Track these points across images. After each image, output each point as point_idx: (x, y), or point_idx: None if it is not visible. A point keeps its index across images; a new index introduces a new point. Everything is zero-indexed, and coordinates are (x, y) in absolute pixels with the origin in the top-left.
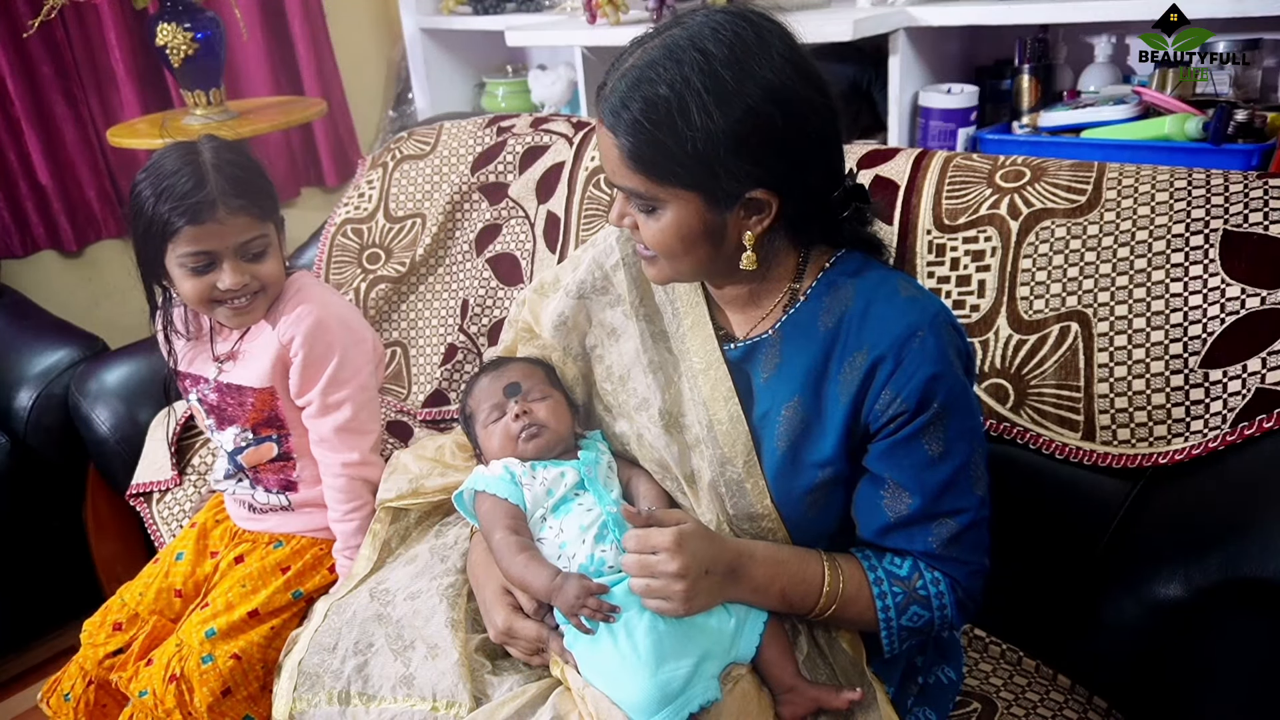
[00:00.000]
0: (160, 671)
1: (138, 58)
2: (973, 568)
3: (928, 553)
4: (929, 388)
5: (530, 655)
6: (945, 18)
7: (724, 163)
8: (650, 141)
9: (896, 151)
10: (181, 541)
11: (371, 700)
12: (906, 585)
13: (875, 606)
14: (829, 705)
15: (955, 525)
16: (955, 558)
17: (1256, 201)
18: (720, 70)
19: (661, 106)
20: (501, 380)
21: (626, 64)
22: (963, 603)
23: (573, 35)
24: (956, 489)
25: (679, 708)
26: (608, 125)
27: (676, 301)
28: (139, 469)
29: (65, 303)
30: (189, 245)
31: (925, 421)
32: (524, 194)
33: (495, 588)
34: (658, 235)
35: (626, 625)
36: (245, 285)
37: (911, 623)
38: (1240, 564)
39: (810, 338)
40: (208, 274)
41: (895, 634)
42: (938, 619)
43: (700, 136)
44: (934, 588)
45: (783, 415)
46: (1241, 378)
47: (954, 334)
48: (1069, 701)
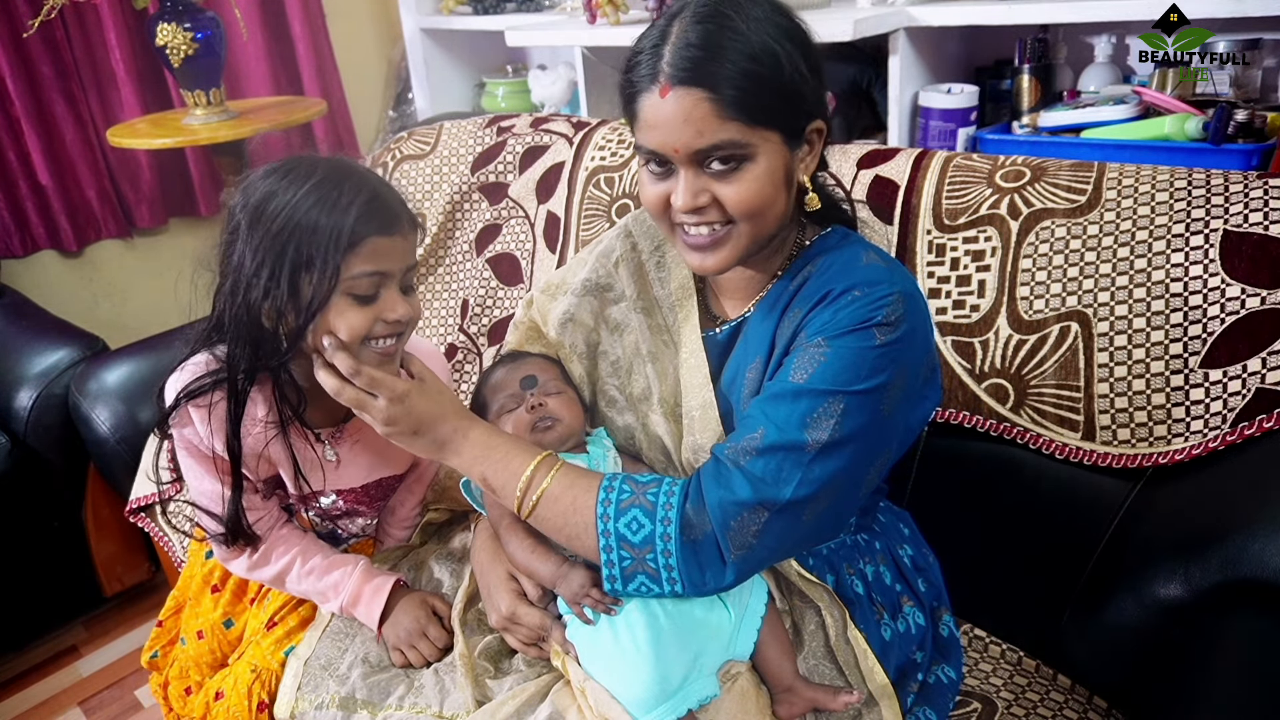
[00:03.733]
0: (242, 703)
1: (138, 58)
2: (732, 494)
3: (716, 455)
4: (834, 328)
5: (530, 644)
6: (945, 18)
7: (805, 96)
8: (750, 81)
9: (896, 151)
10: (216, 606)
11: (377, 709)
12: (638, 489)
13: (596, 500)
14: (826, 706)
15: (759, 441)
16: (731, 468)
17: (1256, 201)
18: (774, 16)
19: (752, 48)
20: (518, 372)
21: (673, 35)
22: (691, 527)
23: (573, 35)
24: (790, 411)
25: (678, 702)
26: (689, 83)
27: (672, 295)
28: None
29: (65, 303)
30: (369, 263)
31: (809, 346)
32: (524, 194)
33: (501, 573)
34: (752, 188)
35: (627, 618)
36: (407, 320)
37: (630, 532)
38: (1240, 564)
39: (777, 305)
40: (373, 304)
41: (613, 543)
42: (659, 537)
43: (790, 73)
44: (665, 497)
45: (747, 378)
46: (1241, 378)
47: (903, 308)
48: (1069, 701)
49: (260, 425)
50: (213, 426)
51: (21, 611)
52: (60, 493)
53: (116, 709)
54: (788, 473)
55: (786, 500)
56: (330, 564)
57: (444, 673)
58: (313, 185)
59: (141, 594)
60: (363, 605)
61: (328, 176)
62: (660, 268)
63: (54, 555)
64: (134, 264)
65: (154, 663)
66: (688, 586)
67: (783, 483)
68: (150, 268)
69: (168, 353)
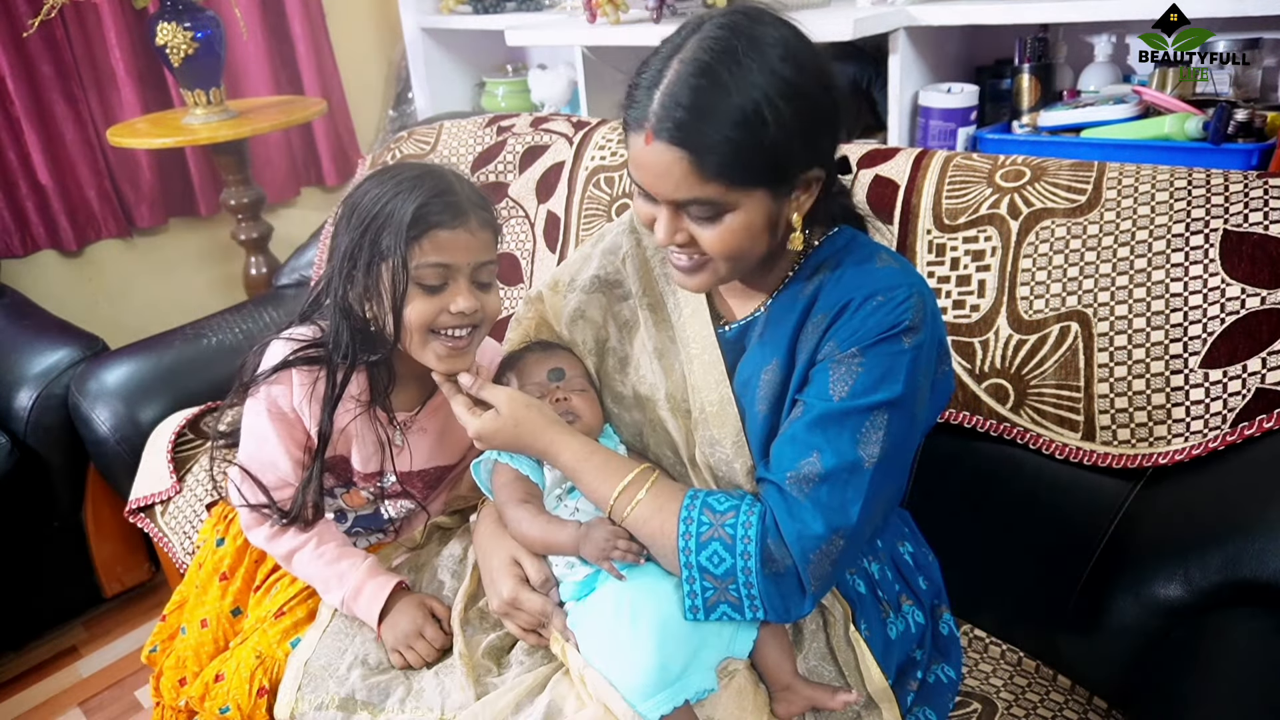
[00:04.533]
0: (243, 686)
1: (138, 57)
2: (807, 528)
3: (779, 484)
4: (863, 338)
5: (530, 631)
6: (945, 17)
7: (794, 154)
8: (734, 147)
9: (896, 151)
10: (224, 595)
11: (378, 711)
12: (716, 518)
13: (677, 532)
14: (825, 706)
15: (819, 466)
16: (800, 499)
17: (1256, 201)
18: (778, 67)
19: (737, 114)
20: (548, 363)
21: (667, 79)
22: (772, 560)
23: (573, 35)
24: (840, 429)
25: (675, 692)
26: (671, 141)
27: (678, 291)
28: (137, 483)
29: (65, 303)
30: (433, 254)
31: (844, 356)
32: (524, 194)
33: (504, 557)
34: (725, 238)
35: (631, 607)
36: (474, 312)
37: (711, 565)
38: (1240, 564)
39: (793, 306)
40: (439, 294)
41: (696, 575)
42: (740, 570)
43: (776, 134)
44: (743, 529)
45: (762, 379)
46: (1241, 378)
47: (922, 309)
48: (1069, 702)
49: (351, 402)
50: (311, 397)
51: (21, 611)
52: (60, 493)
53: (116, 709)
54: (852, 494)
55: (855, 522)
56: (341, 553)
57: (444, 674)
58: (396, 182)
59: (141, 594)
60: (364, 599)
61: (411, 176)
62: (665, 264)
63: (54, 555)
64: (134, 264)
65: (153, 657)
66: (771, 614)
67: (849, 504)
68: (150, 268)
69: (168, 353)
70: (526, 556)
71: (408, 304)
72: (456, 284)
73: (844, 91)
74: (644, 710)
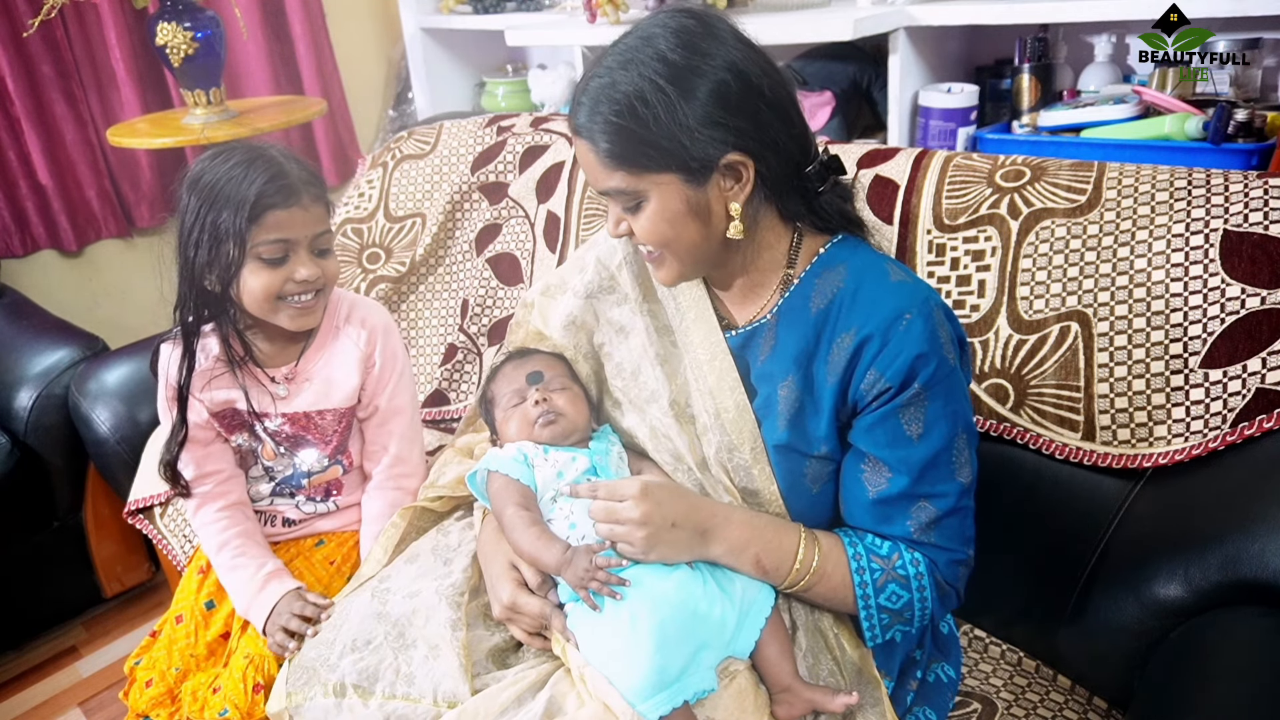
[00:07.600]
0: (239, 686)
1: (138, 58)
2: (953, 555)
3: (906, 537)
4: (912, 367)
5: (532, 633)
6: (945, 17)
7: (691, 134)
8: (620, 133)
9: (896, 151)
10: (200, 588)
11: (369, 695)
12: (885, 563)
13: (853, 583)
14: (824, 708)
15: (934, 510)
16: (933, 543)
17: (1256, 201)
18: (669, 54)
19: (623, 100)
20: (525, 368)
21: (590, 77)
22: (942, 588)
23: (572, 34)
24: (936, 471)
25: (675, 693)
26: (582, 134)
27: (679, 295)
28: (136, 485)
29: (65, 303)
30: (271, 231)
31: (906, 399)
32: (524, 194)
33: (503, 563)
34: (649, 226)
35: (630, 608)
36: (316, 279)
37: (890, 603)
38: (1240, 564)
39: (803, 319)
40: (282, 266)
41: (874, 614)
42: (917, 601)
43: (663, 114)
44: (913, 568)
45: (780, 396)
46: (1241, 378)
47: (943, 317)
48: (1069, 701)
49: (211, 362)
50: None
51: (21, 611)
52: (60, 493)
53: (116, 709)
54: (967, 513)
55: (974, 530)
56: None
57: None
58: (229, 166)
59: (141, 594)
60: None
61: (242, 159)
62: None
63: (54, 555)
64: (134, 264)
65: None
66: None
67: (968, 525)
68: (150, 267)
69: None
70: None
71: (255, 277)
72: (297, 255)
73: (782, 76)
74: (644, 710)
